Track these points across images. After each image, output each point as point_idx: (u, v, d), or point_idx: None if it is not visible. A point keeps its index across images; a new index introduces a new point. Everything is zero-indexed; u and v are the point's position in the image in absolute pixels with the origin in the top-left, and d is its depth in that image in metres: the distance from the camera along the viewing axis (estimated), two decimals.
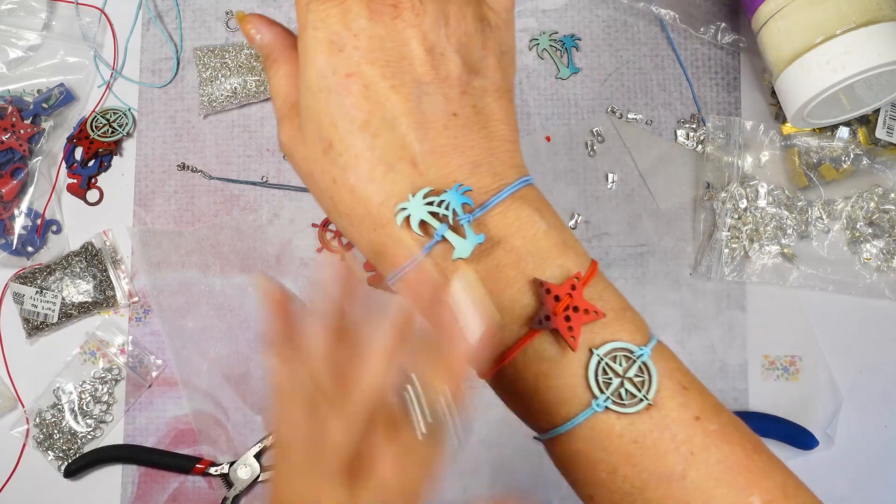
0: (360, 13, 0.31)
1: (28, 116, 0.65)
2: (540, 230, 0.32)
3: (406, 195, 0.31)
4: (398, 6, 0.32)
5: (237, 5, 0.66)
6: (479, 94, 0.33)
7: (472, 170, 0.32)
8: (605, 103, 0.65)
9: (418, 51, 0.31)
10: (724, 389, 0.62)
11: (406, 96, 0.31)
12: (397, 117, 0.31)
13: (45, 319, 0.63)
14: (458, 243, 0.31)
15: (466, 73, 0.32)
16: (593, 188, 0.64)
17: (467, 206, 0.31)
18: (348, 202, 0.32)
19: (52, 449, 0.62)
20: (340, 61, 0.31)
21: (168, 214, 0.65)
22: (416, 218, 0.31)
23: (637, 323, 0.33)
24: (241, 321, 0.64)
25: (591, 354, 0.31)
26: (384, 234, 0.32)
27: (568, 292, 0.31)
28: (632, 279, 0.63)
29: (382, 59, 0.31)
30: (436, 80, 0.32)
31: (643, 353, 0.31)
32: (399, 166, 0.31)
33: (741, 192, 0.62)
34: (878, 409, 0.62)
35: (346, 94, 0.31)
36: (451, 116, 0.32)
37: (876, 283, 0.62)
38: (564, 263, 0.32)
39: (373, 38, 0.31)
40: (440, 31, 0.32)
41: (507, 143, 0.33)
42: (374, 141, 0.31)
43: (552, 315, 0.31)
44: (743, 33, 0.64)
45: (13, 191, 0.64)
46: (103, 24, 0.67)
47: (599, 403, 0.31)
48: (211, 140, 0.65)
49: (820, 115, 0.58)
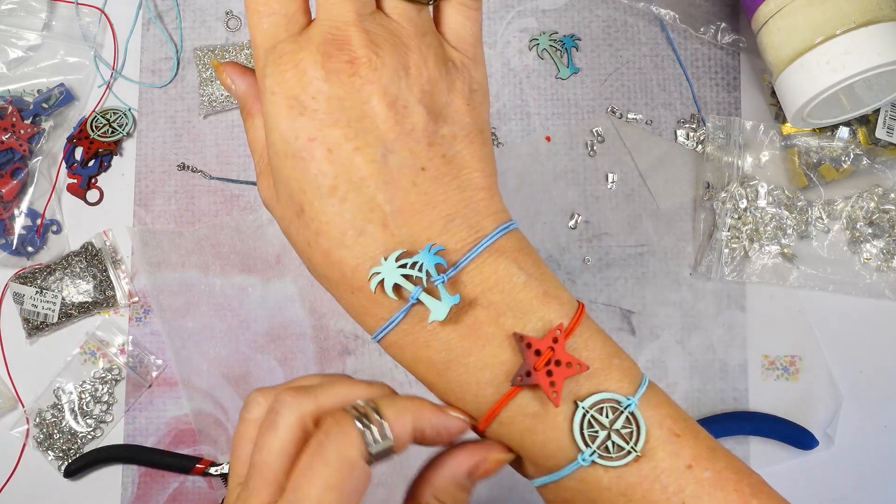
0: (316, 74, 0.30)
1: (28, 116, 0.65)
2: (518, 282, 0.31)
3: (378, 258, 0.30)
4: (354, 62, 0.30)
5: (237, 5, 0.66)
6: (449, 142, 0.32)
7: (446, 225, 0.31)
8: (605, 103, 0.65)
9: (379, 107, 0.30)
10: (724, 389, 0.62)
11: (371, 157, 0.30)
12: (364, 179, 0.30)
13: (45, 319, 0.63)
14: (434, 306, 0.30)
15: (433, 122, 0.31)
16: (593, 188, 0.64)
17: (441, 266, 0.30)
18: (323, 265, 0.32)
19: (52, 449, 0.62)
20: (301, 126, 0.30)
21: (168, 214, 0.65)
22: (389, 282, 0.30)
23: (625, 370, 0.32)
24: (241, 321, 0.64)
25: (577, 407, 0.30)
26: (361, 297, 0.32)
27: (550, 346, 0.30)
28: (632, 279, 0.63)
29: (343, 120, 0.30)
30: (400, 136, 0.31)
31: (630, 403, 0.31)
32: (369, 229, 0.31)
33: (741, 192, 0.62)
34: (878, 409, 0.62)
35: (311, 159, 0.30)
36: (420, 171, 0.31)
37: (876, 283, 0.62)
38: (546, 315, 0.31)
39: (331, 98, 0.30)
40: (401, 83, 0.31)
41: (482, 190, 0.32)
42: (343, 205, 0.30)
43: (533, 371, 0.30)
44: (743, 33, 0.64)
45: (13, 191, 0.64)
46: (103, 24, 0.67)
47: (585, 458, 0.30)
48: (211, 140, 0.65)
49: (820, 115, 0.58)
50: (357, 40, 0.30)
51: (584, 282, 0.63)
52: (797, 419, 0.61)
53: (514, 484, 0.62)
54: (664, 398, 0.32)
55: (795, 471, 0.62)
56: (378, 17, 0.31)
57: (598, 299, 0.63)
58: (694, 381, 0.62)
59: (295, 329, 0.63)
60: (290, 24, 0.31)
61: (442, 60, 0.32)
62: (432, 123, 0.31)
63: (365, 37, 0.31)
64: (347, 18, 0.31)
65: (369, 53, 0.30)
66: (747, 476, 0.31)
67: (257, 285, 0.64)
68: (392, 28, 0.31)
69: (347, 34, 0.30)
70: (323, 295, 0.64)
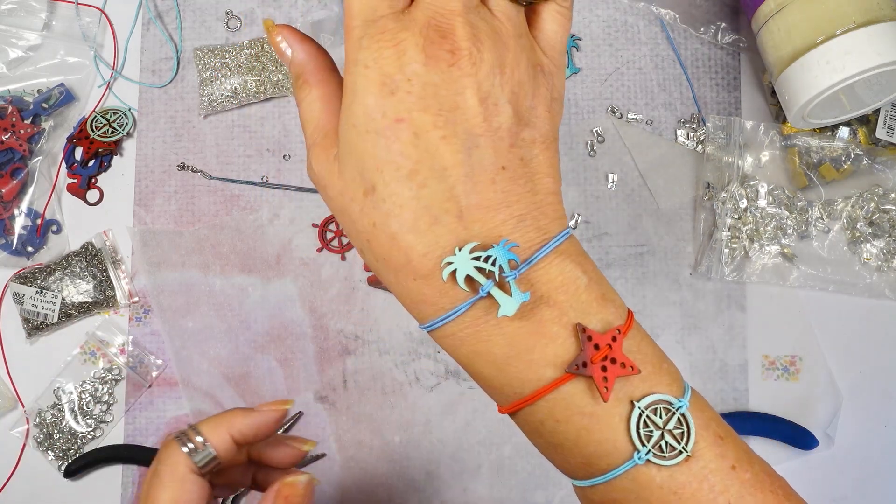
0: (415, 57, 0.30)
1: (28, 116, 0.65)
2: (582, 285, 0.32)
3: (449, 248, 0.31)
4: (455, 53, 0.30)
5: (237, 5, 0.66)
6: (528, 145, 0.32)
7: (517, 224, 0.31)
8: (605, 103, 0.65)
9: (472, 101, 0.31)
10: (724, 389, 0.62)
11: (457, 148, 0.30)
12: (446, 168, 0.30)
13: (45, 319, 0.63)
14: (505, 301, 0.30)
15: (517, 124, 0.31)
16: (593, 188, 0.64)
17: (513, 262, 0.31)
18: (387, 248, 0.32)
19: (52, 449, 0.62)
20: (391, 105, 0.30)
21: (168, 214, 0.65)
22: (462, 273, 0.30)
23: (673, 374, 0.33)
24: (241, 321, 0.64)
25: (633, 407, 0.31)
26: (424, 285, 0.31)
27: (608, 343, 0.31)
28: (632, 279, 0.63)
29: (435, 107, 0.30)
30: (487, 132, 0.31)
31: (682, 404, 0.32)
32: (445, 219, 0.31)
33: (741, 192, 0.62)
34: (878, 409, 0.62)
35: (395, 139, 0.30)
36: (500, 170, 0.31)
37: (876, 283, 0.62)
38: (605, 317, 0.32)
39: (427, 84, 0.30)
40: (495, 80, 0.31)
41: (551, 195, 0.33)
42: (421, 191, 0.30)
43: (589, 362, 0.31)
44: (743, 33, 0.64)
45: (13, 191, 0.64)
46: (103, 24, 0.67)
47: (641, 456, 0.31)
48: (211, 140, 0.65)
49: (820, 115, 0.58)
50: (461, 31, 0.30)
51: None
52: (797, 419, 0.61)
53: (515, 484, 0.62)
54: (705, 403, 0.34)
55: (795, 471, 0.62)
56: (482, 12, 0.31)
57: None
58: (694, 381, 0.62)
59: (295, 329, 0.63)
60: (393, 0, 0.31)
61: (532, 64, 0.33)
62: (516, 125, 0.32)
63: (469, 29, 0.31)
64: (454, 8, 0.31)
65: (471, 47, 0.30)
66: (778, 479, 0.33)
67: (257, 285, 0.64)
68: (494, 25, 0.31)
69: (452, 24, 0.30)
70: (323, 295, 0.64)
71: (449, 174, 0.30)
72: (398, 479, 0.62)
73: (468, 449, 0.62)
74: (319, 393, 0.63)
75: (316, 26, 0.66)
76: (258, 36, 0.66)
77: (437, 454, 0.63)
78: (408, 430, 0.63)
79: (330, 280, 0.64)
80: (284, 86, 0.65)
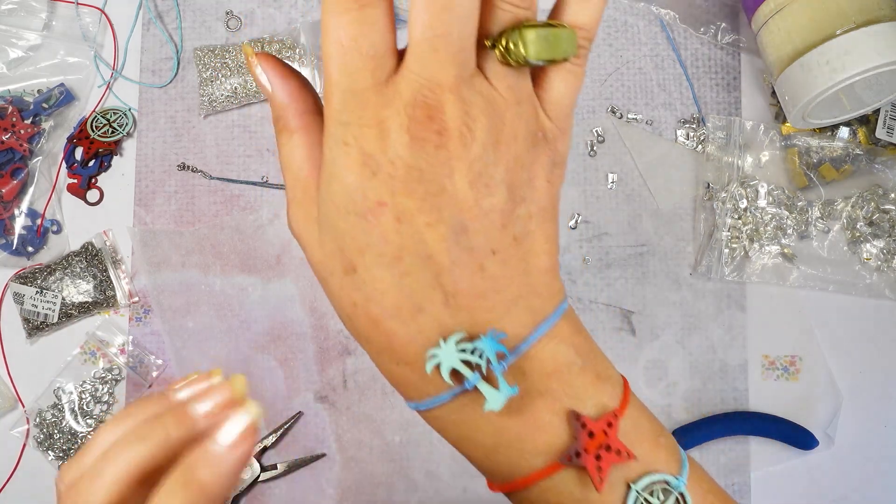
0: (398, 139, 0.27)
1: (28, 116, 0.65)
2: (576, 369, 0.30)
3: (434, 337, 0.29)
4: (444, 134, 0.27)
5: (237, 5, 0.66)
6: (523, 221, 0.29)
7: (508, 308, 0.29)
8: (605, 103, 0.65)
9: (461, 184, 0.28)
10: (724, 389, 0.62)
11: (443, 235, 0.28)
12: (431, 256, 0.28)
13: (45, 319, 0.63)
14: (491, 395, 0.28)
15: (510, 201, 0.29)
16: (593, 188, 0.64)
17: (501, 353, 0.29)
18: (368, 329, 0.30)
19: (53, 449, 0.62)
20: (373, 187, 0.27)
21: (168, 214, 0.65)
22: (447, 366, 0.28)
23: (670, 449, 0.32)
24: (241, 321, 0.64)
25: (629, 489, 0.30)
26: (408, 370, 0.30)
27: (604, 429, 0.30)
28: (632, 279, 0.63)
29: (420, 192, 0.27)
30: (478, 217, 0.28)
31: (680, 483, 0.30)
32: (428, 308, 0.28)
33: (741, 192, 0.62)
34: (878, 409, 0.62)
35: (377, 223, 0.28)
36: (490, 254, 0.29)
37: (876, 283, 0.62)
38: (600, 399, 0.30)
39: (411, 168, 0.27)
40: (488, 159, 0.28)
41: (546, 273, 0.30)
42: (404, 279, 0.28)
43: (584, 451, 0.29)
44: (743, 33, 0.64)
45: (13, 191, 0.64)
46: (103, 24, 0.67)
47: None
48: (211, 140, 0.65)
49: (820, 115, 0.58)
50: (451, 111, 0.27)
51: (584, 282, 0.63)
52: (797, 419, 0.61)
53: None
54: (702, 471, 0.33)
55: (795, 471, 0.62)
56: (477, 83, 0.28)
57: (598, 299, 0.63)
58: (694, 381, 0.62)
59: (295, 329, 0.63)
60: (376, 69, 0.27)
61: (532, 133, 0.29)
62: (510, 203, 0.29)
63: (460, 107, 0.27)
64: (443, 81, 0.27)
65: (462, 127, 0.27)
66: None
67: (257, 285, 0.64)
68: (491, 97, 0.28)
69: (442, 101, 0.27)
70: (323, 295, 0.64)
71: (434, 262, 0.28)
72: (398, 479, 0.62)
73: None
74: (319, 393, 0.63)
75: (316, 26, 0.66)
76: (258, 36, 0.66)
77: (437, 454, 0.63)
78: (408, 430, 0.63)
79: None
80: None
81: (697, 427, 0.61)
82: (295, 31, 0.65)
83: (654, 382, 0.63)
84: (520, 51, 0.27)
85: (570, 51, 0.28)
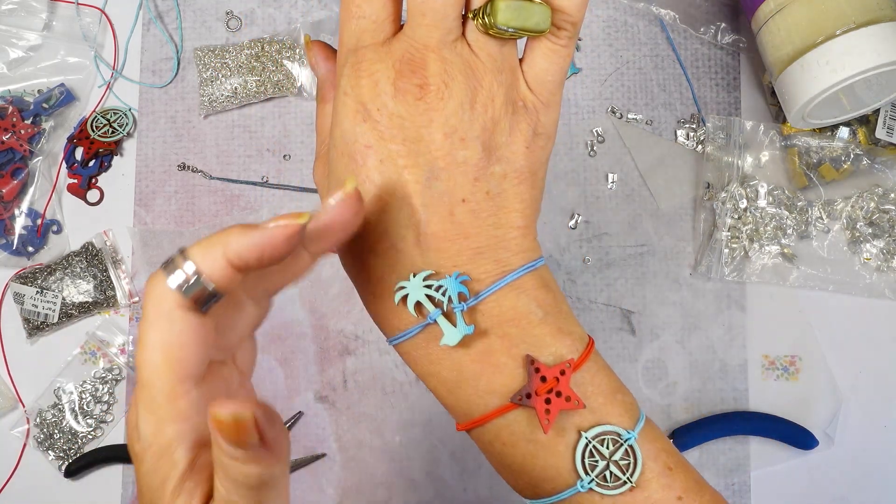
0: (385, 89, 0.31)
1: (29, 116, 0.65)
2: (535, 319, 0.32)
3: (404, 273, 0.32)
4: (424, 87, 0.31)
5: (237, 5, 0.66)
6: (497, 179, 0.32)
7: (473, 256, 0.32)
8: (605, 103, 0.65)
9: (437, 135, 0.31)
10: (724, 389, 0.62)
11: (417, 178, 0.31)
12: (407, 197, 0.32)
13: (45, 319, 0.63)
14: (448, 331, 0.32)
15: (485, 158, 0.32)
16: (593, 188, 0.64)
17: (463, 295, 0.32)
18: (350, 266, 0.33)
19: (53, 449, 0.62)
20: (362, 132, 0.32)
21: (168, 214, 0.65)
22: (412, 299, 0.32)
23: (626, 405, 0.33)
24: None
25: (580, 436, 0.32)
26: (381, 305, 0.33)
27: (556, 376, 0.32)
28: (632, 279, 0.63)
29: (400, 138, 0.31)
30: (450, 166, 0.32)
31: (630, 437, 0.32)
32: (401, 245, 0.32)
33: (741, 192, 0.62)
34: (878, 409, 0.62)
35: (363, 164, 0.32)
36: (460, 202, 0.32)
37: (876, 283, 0.62)
38: (558, 350, 0.32)
39: (393, 116, 0.31)
40: (463, 116, 0.32)
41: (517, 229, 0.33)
42: (381, 216, 0.32)
43: (534, 394, 0.31)
44: (743, 33, 0.64)
45: (14, 191, 0.64)
46: (104, 24, 0.67)
47: (584, 485, 0.32)
48: (211, 140, 0.65)
49: (820, 115, 0.58)
50: (432, 67, 0.31)
51: (584, 282, 0.63)
52: (797, 419, 0.61)
53: None
54: (659, 433, 0.34)
55: (795, 471, 0.62)
56: (459, 47, 0.32)
57: (598, 299, 0.63)
58: (694, 381, 0.62)
59: (295, 329, 0.63)
60: (376, 31, 0.32)
61: (511, 100, 0.33)
62: (485, 160, 0.32)
63: (440, 65, 0.31)
64: (429, 43, 0.31)
65: (440, 83, 0.31)
66: None
67: None
68: (469, 60, 0.32)
69: (425, 58, 0.31)
70: (323, 295, 0.64)
71: (409, 202, 0.32)
72: (398, 479, 0.62)
73: (468, 449, 0.62)
74: (319, 393, 0.63)
75: (316, 27, 0.66)
76: (258, 36, 0.66)
77: (437, 454, 0.63)
78: (408, 430, 0.63)
79: (330, 280, 0.64)
80: (284, 86, 0.65)
81: (697, 427, 0.61)
82: (295, 32, 0.65)
83: (654, 382, 0.63)
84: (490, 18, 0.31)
85: (541, 24, 0.32)
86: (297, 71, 0.65)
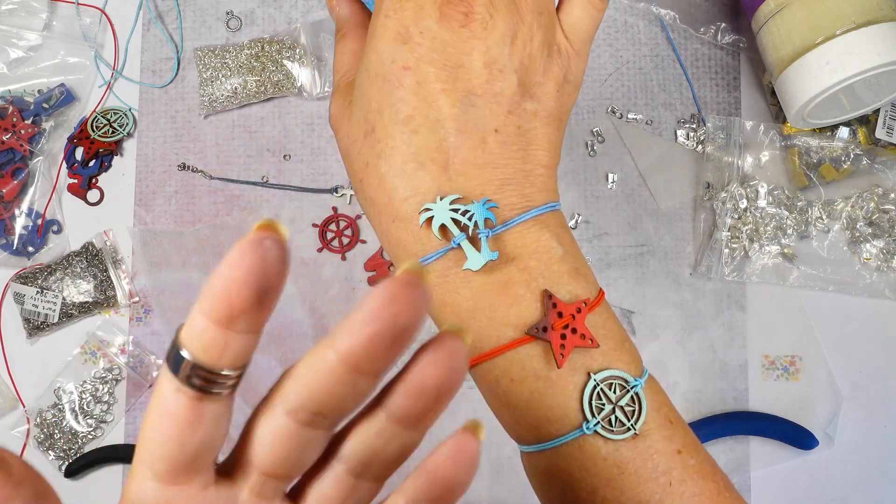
0: (430, 13, 0.32)
1: (29, 116, 0.65)
2: (556, 255, 0.33)
3: (430, 196, 0.32)
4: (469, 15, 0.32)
5: (237, 5, 0.66)
6: (528, 117, 0.33)
7: (501, 186, 0.32)
8: (605, 103, 0.65)
9: (477, 63, 0.32)
10: (724, 389, 0.62)
11: (454, 102, 0.32)
12: (441, 120, 0.32)
13: (45, 319, 0.63)
14: (472, 255, 0.31)
15: (520, 94, 0.33)
16: (593, 188, 0.64)
17: (489, 222, 0.32)
18: (375, 188, 0.33)
19: (53, 449, 0.62)
20: (401, 53, 0.32)
21: (168, 214, 0.65)
22: (437, 221, 0.31)
23: (633, 355, 0.34)
24: None
25: (589, 378, 0.32)
26: (402, 228, 0.33)
27: (572, 313, 0.32)
28: (632, 279, 0.63)
29: (440, 62, 0.32)
30: (486, 94, 0.32)
31: (637, 384, 0.32)
32: (429, 167, 0.32)
33: (741, 192, 0.62)
34: (878, 409, 0.62)
35: (398, 85, 0.32)
36: (493, 132, 0.32)
37: (876, 283, 0.62)
38: (574, 290, 0.33)
39: (436, 39, 0.32)
40: (504, 49, 0.32)
41: (542, 167, 0.34)
42: (413, 137, 0.32)
43: (550, 328, 0.31)
44: (743, 33, 0.64)
45: (14, 191, 0.64)
46: (104, 24, 0.67)
47: (590, 427, 0.32)
48: (211, 140, 0.65)
49: (820, 115, 0.58)
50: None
51: None
52: (797, 419, 0.61)
53: (515, 484, 0.62)
54: (660, 388, 0.34)
55: (795, 471, 0.62)
56: None
57: None
58: (694, 381, 0.62)
59: (295, 329, 0.63)
60: None
61: (548, 43, 0.34)
62: (519, 95, 0.33)
63: None
64: None
65: (485, 12, 0.32)
66: (720, 472, 0.34)
67: None
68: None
69: None
70: (323, 295, 0.64)
71: (442, 125, 0.32)
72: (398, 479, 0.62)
73: None
74: None
75: (316, 26, 0.66)
76: (258, 36, 0.66)
77: None
78: None
79: (330, 280, 0.64)
80: (284, 86, 0.65)
81: (697, 427, 0.61)
82: (295, 31, 0.65)
83: None
84: None
85: None
86: (297, 71, 0.65)
